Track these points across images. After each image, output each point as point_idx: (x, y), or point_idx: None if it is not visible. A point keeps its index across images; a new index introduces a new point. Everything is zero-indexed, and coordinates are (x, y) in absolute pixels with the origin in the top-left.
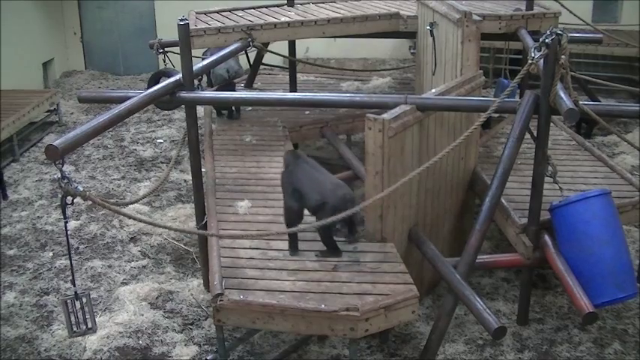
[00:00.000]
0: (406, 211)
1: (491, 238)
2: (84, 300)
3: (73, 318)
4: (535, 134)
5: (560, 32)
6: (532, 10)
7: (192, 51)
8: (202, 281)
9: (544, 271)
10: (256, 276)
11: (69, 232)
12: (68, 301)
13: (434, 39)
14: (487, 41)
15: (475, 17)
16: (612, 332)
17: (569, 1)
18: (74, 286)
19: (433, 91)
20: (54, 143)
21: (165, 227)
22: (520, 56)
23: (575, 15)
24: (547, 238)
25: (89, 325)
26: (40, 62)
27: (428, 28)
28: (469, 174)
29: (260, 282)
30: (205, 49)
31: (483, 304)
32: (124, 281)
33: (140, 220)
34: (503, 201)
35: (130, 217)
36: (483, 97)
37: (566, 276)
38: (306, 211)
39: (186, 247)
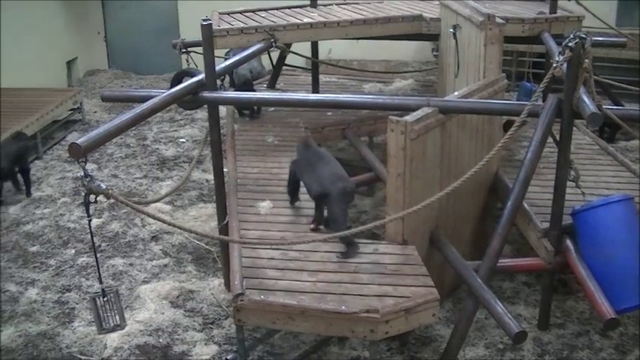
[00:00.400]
0: (427, 213)
1: (513, 242)
2: (111, 296)
3: (101, 314)
4: (558, 138)
5: (583, 36)
6: (555, 13)
7: (215, 51)
8: (223, 281)
9: (565, 275)
10: (277, 276)
11: (91, 230)
12: (97, 298)
13: (457, 41)
14: (510, 44)
15: (498, 20)
16: (634, 339)
17: (592, 1)
18: (101, 283)
19: (455, 93)
20: (77, 141)
21: (185, 229)
22: (543, 59)
23: (598, 18)
24: (569, 242)
25: (117, 322)
26: (64, 61)
27: (451, 30)
28: (491, 177)
29: (280, 282)
30: (228, 50)
31: (504, 308)
32: (145, 280)
33: (161, 220)
34: (525, 205)
35: (151, 217)
36: (506, 100)
37: (587, 281)
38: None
39: (207, 247)
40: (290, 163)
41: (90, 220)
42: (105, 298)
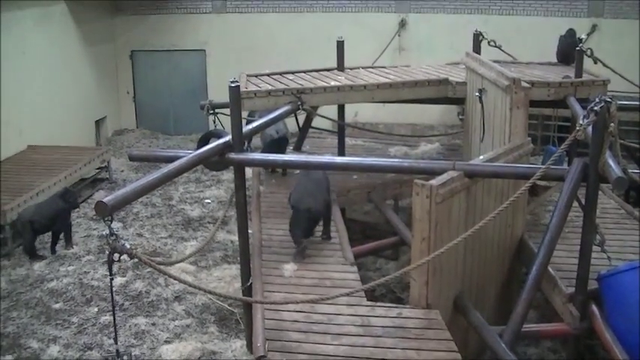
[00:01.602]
0: (452, 278)
1: (538, 307)
2: (125, 358)
3: None
4: (583, 202)
5: (609, 100)
6: (581, 77)
7: (242, 113)
8: (245, 342)
9: (592, 341)
10: (300, 339)
11: (114, 289)
12: (109, 358)
13: (482, 105)
14: (536, 108)
15: (524, 84)
16: None
17: (619, 61)
18: (116, 343)
19: (481, 157)
20: (104, 200)
21: (207, 291)
22: (569, 124)
23: (626, 79)
24: (595, 307)
25: None
26: (93, 120)
27: (477, 94)
28: (516, 241)
29: (303, 345)
30: (250, 111)
31: None
32: (168, 339)
33: (184, 282)
34: (550, 269)
35: (174, 278)
36: (531, 164)
37: (614, 348)
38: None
39: (230, 308)
40: None
41: (112, 279)
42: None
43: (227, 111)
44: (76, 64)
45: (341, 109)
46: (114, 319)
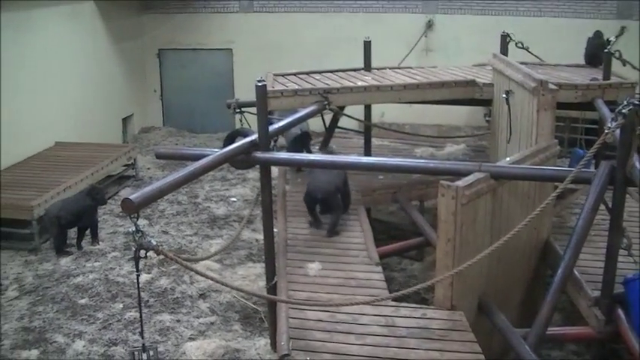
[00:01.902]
0: (476, 279)
1: (563, 310)
2: (151, 353)
3: None
4: (610, 205)
5: (637, 102)
6: (609, 79)
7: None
8: (269, 341)
9: (617, 345)
10: (324, 338)
11: (140, 285)
12: (135, 352)
13: (509, 107)
14: (563, 110)
15: (551, 86)
16: None
17: None
18: (142, 338)
19: (507, 159)
20: (130, 197)
21: (233, 287)
22: (596, 126)
23: None
24: (620, 311)
25: None
26: (120, 117)
27: (503, 96)
28: (542, 243)
29: (327, 345)
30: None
31: None
32: (192, 336)
33: (209, 278)
34: (575, 272)
35: (200, 274)
36: (558, 166)
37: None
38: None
39: (254, 306)
40: None
41: (138, 276)
42: (145, 354)
43: (253, 110)
44: (104, 61)
45: (367, 109)
46: (140, 315)
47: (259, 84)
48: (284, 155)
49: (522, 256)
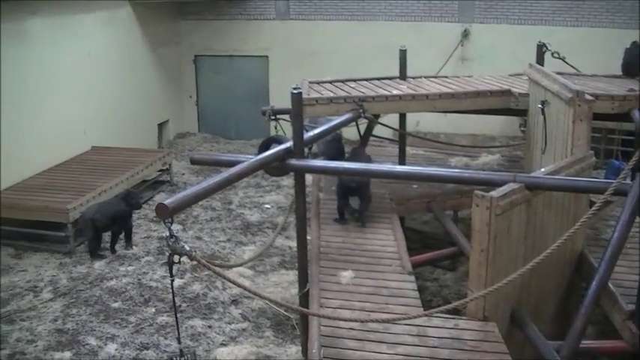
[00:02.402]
0: (510, 290)
1: (596, 323)
2: (188, 357)
3: None
4: None
5: None
6: None
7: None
8: (301, 348)
9: None
10: (355, 347)
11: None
12: (174, 358)
13: (545, 117)
14: (599, 121)
15: (587, 97)
16: None
17: None
18: (179, 343)
19: (542, 170)
20: (165, 202)
21: (263, 297)
22: (632, 137)
23: None
24: None
25: None
26: (155, 123)
27: (539, 106)
28: (576, 256)
29: (358, 353)
30: None
31: None
32: (223, 342)
33: (241, 287)
34: (610, 285)
35: (232, 282)
36: (593, 178)
37: None
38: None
39: (286, 313)
40: None
41: (172, 281)
42: (182, 359)
43: (288, 117)
44: (141, 67)
45: (402, 118)
46: (176, 320)
47: (295, 91)
48: (319, 163)
49: (556, 268)
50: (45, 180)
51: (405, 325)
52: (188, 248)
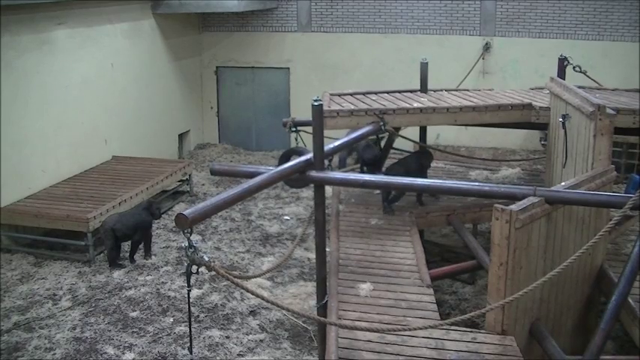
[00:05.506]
0: (528, 304)
1: (616, 339)
2: None
3: None
4: None
5: None
6: None
7: (325, 131)
8: None
9: None
10: (373, 359)
11: (191, 300)
12: None
13: (565, 131)
14: (620, 135)
15: (609, 111)
16: None
17: None
18: (191, 353)
19: (563, 184)
20: (184, 212)
21: (282, 307)
22: None
23: None
24: None
25: None
26: (176, 133)
27: (560, 120)
28: (596, 270)
29: None
30: None
31: None
32: (241, 353)
33: (260, 297)
34: (630, 300)
35: (250, 292)
36: (614, 192)
37: None
38: None
39: (304, 325)
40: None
41: (189, 291)
42: None
43: (309, 129)
44: (163, 77)
45: (423, 130)
46: (190, 330)
47: (316, 103)
48: (339, 175)
49: (575, 282)
50: (66, 189)
51: (423, 337)
52: (207, 258)
